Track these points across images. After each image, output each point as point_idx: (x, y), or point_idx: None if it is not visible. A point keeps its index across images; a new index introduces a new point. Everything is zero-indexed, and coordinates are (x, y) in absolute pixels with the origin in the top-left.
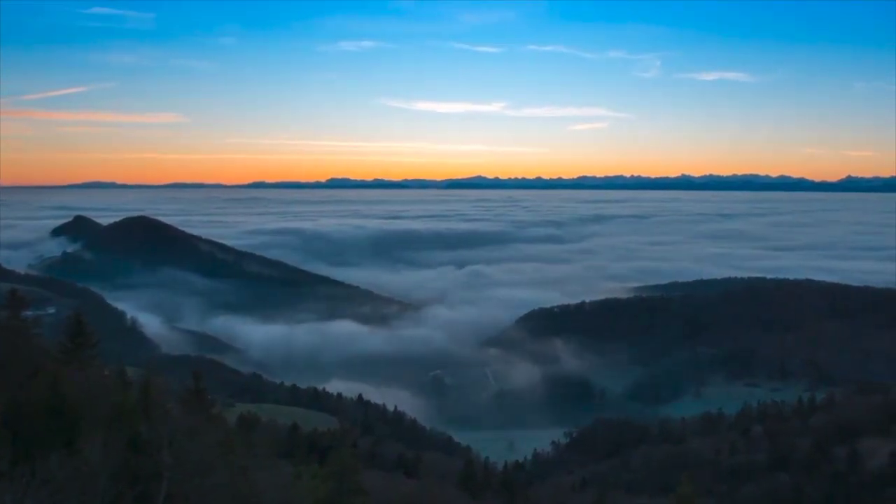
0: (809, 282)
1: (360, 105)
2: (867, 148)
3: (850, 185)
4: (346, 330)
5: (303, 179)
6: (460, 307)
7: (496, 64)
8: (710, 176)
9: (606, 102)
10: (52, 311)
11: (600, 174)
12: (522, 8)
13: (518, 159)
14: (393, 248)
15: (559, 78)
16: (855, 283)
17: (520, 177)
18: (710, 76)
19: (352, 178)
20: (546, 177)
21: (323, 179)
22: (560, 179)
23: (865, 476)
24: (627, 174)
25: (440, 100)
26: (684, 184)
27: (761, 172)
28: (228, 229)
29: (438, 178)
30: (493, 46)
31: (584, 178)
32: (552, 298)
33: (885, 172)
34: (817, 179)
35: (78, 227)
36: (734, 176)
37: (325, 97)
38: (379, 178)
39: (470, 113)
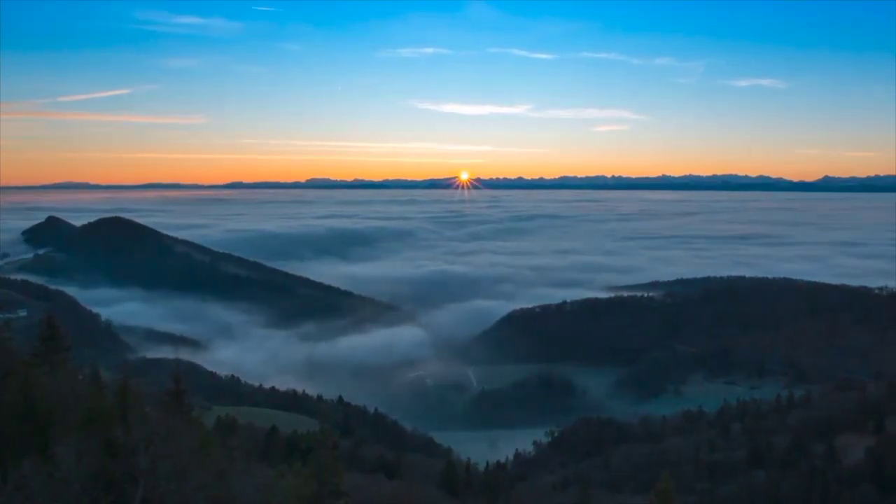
0: (787, 281)
1: (385, 107)
2: (846, 149)
3: (828, 185)
4: (327, 331)
5: (281, 180)
6: (442, 307)
7: (544, 69)
8: (690, 176)
9: (632, 105)
10: (23, 313)
11: (581, 174)
12: (588, 18)
13: (516, 159)
14: (362, 244)
15: (595, 82)
16: (833, 282)
17: (501, 177)
18: (743, 83)
19: (332, 178)
20: (528, 177)
21: (302, 180)
22: (541, 179)
23: (842, 472)
24: (608, 174)
25: (467, 102)
26: (664, 184)
27: (741, 172)
28: (205, 230)
29: (419, 179)
30: (549, 53)
31: (566, 178)
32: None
33: (862, 172)
34: (795, 179)
35: (50, 229)
36: (714, 176)
37: (358, 100)
38: (359, 178)
39: (492, 115)
